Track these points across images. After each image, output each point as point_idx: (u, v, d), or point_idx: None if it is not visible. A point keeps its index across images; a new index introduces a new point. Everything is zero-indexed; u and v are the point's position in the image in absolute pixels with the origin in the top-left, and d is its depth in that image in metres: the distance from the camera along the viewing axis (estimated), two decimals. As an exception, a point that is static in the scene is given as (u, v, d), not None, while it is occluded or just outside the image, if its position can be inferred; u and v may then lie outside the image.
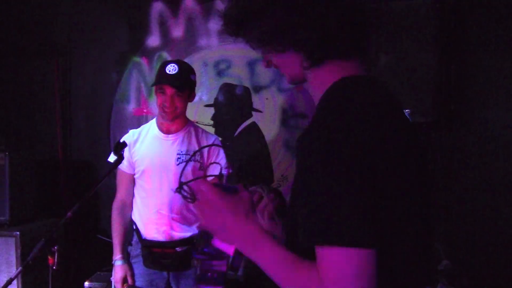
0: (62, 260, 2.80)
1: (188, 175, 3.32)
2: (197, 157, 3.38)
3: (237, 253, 1.47)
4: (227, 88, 4.64)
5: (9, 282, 2.68)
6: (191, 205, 1.53)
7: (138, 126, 3.56)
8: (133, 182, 3.48)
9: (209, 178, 1.69)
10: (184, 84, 3.27)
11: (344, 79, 1.41)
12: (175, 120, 3.36)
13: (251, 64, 4.52)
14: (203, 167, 3.39)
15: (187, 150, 3.39)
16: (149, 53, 4.76)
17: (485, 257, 3.99)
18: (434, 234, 1.50)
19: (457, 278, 3.86)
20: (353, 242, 1.16)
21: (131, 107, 4.81)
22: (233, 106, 4.62)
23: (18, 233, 3.91)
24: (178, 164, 3.36)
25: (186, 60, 4.47)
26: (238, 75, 4.59)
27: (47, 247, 2.67)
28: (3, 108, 4.98)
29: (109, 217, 3.52)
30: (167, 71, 3.24)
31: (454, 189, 4.24)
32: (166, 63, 3.32)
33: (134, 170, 3.44)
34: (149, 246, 3.36)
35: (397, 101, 1.49)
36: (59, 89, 4.92)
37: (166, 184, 3.35)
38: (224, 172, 1.68)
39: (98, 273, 4.12)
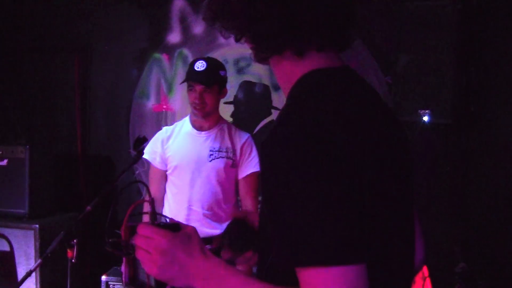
0: (81, 253, 2.83)
1: (220, 171, 3.36)
2: (230, 154, 3.41)
3: None
4: (246, 86, 4.64)
5: (29, 274, 2.70)
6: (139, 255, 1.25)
7: (157, 123, 3.59)
8: (165, 178, 3.51)
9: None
10: (213, 80, 3.30)
11: (314, 71, 1.25)
12: (208, 117, 3.39)
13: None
14: (236, 164, 3.42)
15: (220, 147, 3.42)
16: (169, 50, 4.78)
17: (502, 260, 3.96)
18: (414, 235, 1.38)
19: (474, 281, 3.84)
20: (339, 259, 1.01)
21: (151, 103, 4.82)
22: (252, 104, 4.62)
23: (37, 226, 3.94)
24: (210, 161, 3.39)
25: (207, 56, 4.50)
26: (258, 73, 4.59)
27: (67, 240, 2.69)
28: (24, 103, 5.02)
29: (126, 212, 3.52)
30: (196, 68, 3.28)
31: (472, 191, 4.21)
32: (196, 60, 3.36)
33: (166, 166, 3.48)
34: None
35: (376, 94, 1.33)
36: (79, 85, 4.95)
37: (198, 181, 3.38)
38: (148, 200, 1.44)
39: (115, 267, 4.15)
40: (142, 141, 3.09)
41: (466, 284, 3.69)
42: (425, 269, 3.47)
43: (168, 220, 1.39)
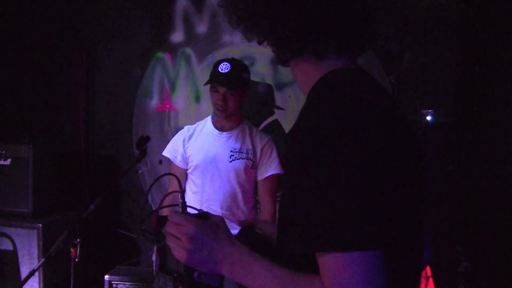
0: (84, 253, 2.83)
1: (240, 172, 3.37)
2: (250, 155, 3.42)
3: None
4: (250, 85, 4.64)
5: (32, 273, 2.71)
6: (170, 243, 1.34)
7: (160, 122, 3.59)
8: (185, 177, 3.52)
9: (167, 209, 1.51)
10: (236, 83, 3.31)
11: (332, 72, 1.31)
12: (230, 118, 3.40)
13: (274, 62, 4.51)
14: (256, 166, 3.43)
15: (241, 148, 3.43)
16: (172, 49, 4.78)
17: (506, 260, 3.96)
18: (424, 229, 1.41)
19: (477, 280, 3.84)
20: (358, 245, 1.05)
21: (154, 102, 4.82)
22: (255, 103, 4.62)
23: (40, 225, 3.94)
24: (231, 161, 3.40)
25: (209, 56, 4.49)
26: (261, 72, 4.59)
27: (70, 240, 2.70)
28: (28, 102, 5.02)
29: (129, 212, 3.54)
30: (220, 70, 3.29)
31: (475, 191, 4.21)
32: (220, 61, 3.36)
33: (187, 165, 3.49)
34: None
35: (388, 94, 1.41)
36: (82, 84, 4.95)
37: (217, 180, 3.39)
38: (180, 200, 1.53)
39: (118, 267, 4.15)
40: (145, 141, 3.10)
41: (469, 284, 3.69)
42: (428, 269, 3.47)
43: (197, 212, 1.45)
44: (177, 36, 4.76)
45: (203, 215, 1.39)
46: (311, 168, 1.10)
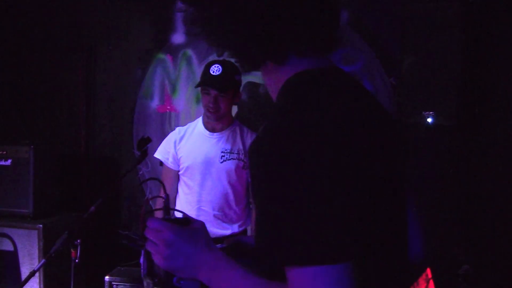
0: (84, 253, 2.83)
1: (232, 172, 3.38)
2: (241, 155, 3.43)
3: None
4: (250, 87, 4.64)
5: (32, 274, 2.71)
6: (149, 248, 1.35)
7: (161, 123, 3.60)
8: (177, 178, 3.54)
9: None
10: (228, 85, 3.31)
11: (298, 75, 1.26)
12: (221, 119, 3.41)
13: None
14: (247, 166, 3.44)
15: (231, 149, 3.44)
16: (173, 51, 4.78)
17: (506, 262, 3.96)
18: (408, 231, 1.37)
19: (477, 283, 3.84)
20: (321, 259, 1.02)
21: (155, 104, 4.82)
22: (256, 105, 4.62)
23: (41, 226, 3.94)
24: (222, 162, 3.40)
25: (210, 58, 4.49)
26: (262, 74, 4.58)
27: (70, 240, 2.70)
28: (28, 103, 5.03)
29: (130, 212, 3.54)
30: (211, 72, 3.29)
31: (476, 193, 4.20)
32: (211, 63, 3.36)
33: (179, 166, 3.50)
34: None
35: (365, 92, 1.35)
36: (83, 85, 4.96)
37: (209, 181, 3.41)
38: (163, 196, 1.52)
39: (119, 268, 4.15)
40: (146, 142, 3.11)
41: (469, 286, 3.69)
42: (428, 271, 3.47)
43: (182, 215, 1.46)
44: (178, 38, 4.76)
45: (183, 221, 1.38)
46: (273, 182, 1.05)
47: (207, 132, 3.49)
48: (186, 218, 1.40)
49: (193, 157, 3.45)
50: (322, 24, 1.27)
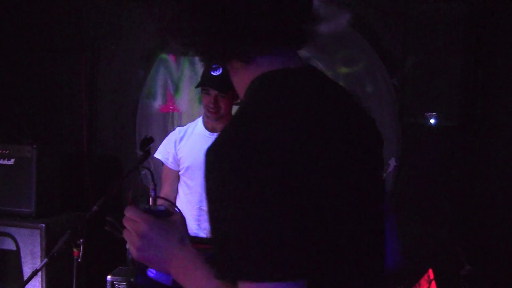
0: (86, 253, 2.83)
1: None
2: None
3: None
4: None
5: (35, 273, 2.71)
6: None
7: (164, 123, 3.60)
8: (177, 178, 3.54)
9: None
10: (228, 85, 3.29)
11: (264, 76, 1.19)
12: (221, 119, 3.41)
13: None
14: None
15: None
16: (176, 50, 4.77)
17: (508, 263, 3.95)
18: (385, 241, 1.30)
19: (480, 284, 3.83)
20: (271, 275, 0.97)
21: (157, 103, 4.83)
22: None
23: (43, 225, 3.94)
24: None
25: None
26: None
27: (73, 240, 2.70)
28: (31, 102, 5.03)
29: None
30: (211, 72, 3.28)
31: (478, 194, 4.20)
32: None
33: (179, 166, 3.50)
34: (190, 242, 3.40)
35: (340, 93, 1.28)
36: (86, 84, 4.96)
37: None
38: (152, 193, 1.46)
39: (121, 267, 4.15)
40: (148, 142, 3.11)
41: (471, 287, 3.69)
42: (430, 272, 3.47)
43: (164, 207, 1.40)
44: (181, 38, 4.76)
45: (162, 213, 1.34)
46: (227, 190, 1.01)
47: (207, 132, 3.49)
48: (167, 210, 1.36)
49: (193, 157, 3.44)
50: (289, 17, 1.17)
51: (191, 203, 3.44)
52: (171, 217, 1.34)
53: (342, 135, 1.17)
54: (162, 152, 3.56)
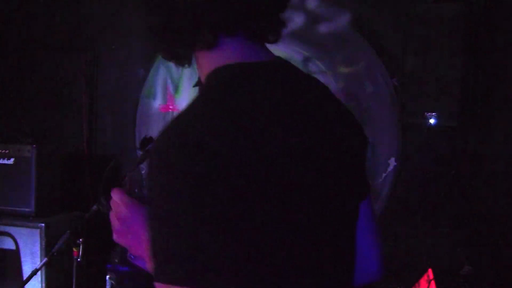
0: (86, 252, 2.84)
1: None
2: None
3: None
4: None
5: (34, 273, 2.72)
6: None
7: (164, 123, 3.57)
8: None
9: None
10: None
11: (226, 67, 1.13)
12: None
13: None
14: None
15: None
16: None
17: (508, 263, 3.95)
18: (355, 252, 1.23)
19: (479, 284, 3.83)
20: (191, 279, 0.92)
21: (157, 103, 4.82)
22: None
23: (43, 224, 3.95)
24: None
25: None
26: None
27: (73, 240, 2.70)
28: (31, 102, 5.03)
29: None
30: None
31: (478, 195, 4.20)
32: None
33: None
34: None
35: (312, 88, 1.22)
36: (86, 84, 4.96)
37: None
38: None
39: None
40: (148, 141, 3.09)
41: (471, 287, 3.69)
42: (430, 272, 3.47)
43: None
44: (181, 37, 4.76)
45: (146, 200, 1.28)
46: (160, 193, 0.97)
47: None
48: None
49: None
50: (256, 5, 1.11)
51: None
52: None
53: (300, 133, 1.10)
54: None
